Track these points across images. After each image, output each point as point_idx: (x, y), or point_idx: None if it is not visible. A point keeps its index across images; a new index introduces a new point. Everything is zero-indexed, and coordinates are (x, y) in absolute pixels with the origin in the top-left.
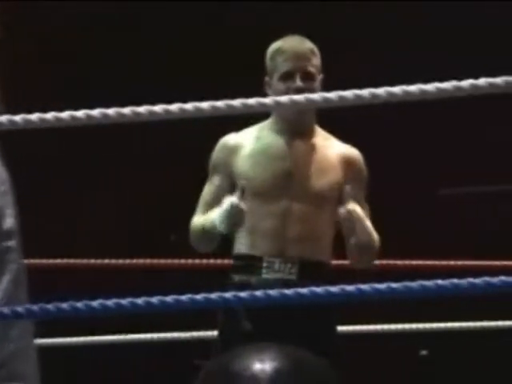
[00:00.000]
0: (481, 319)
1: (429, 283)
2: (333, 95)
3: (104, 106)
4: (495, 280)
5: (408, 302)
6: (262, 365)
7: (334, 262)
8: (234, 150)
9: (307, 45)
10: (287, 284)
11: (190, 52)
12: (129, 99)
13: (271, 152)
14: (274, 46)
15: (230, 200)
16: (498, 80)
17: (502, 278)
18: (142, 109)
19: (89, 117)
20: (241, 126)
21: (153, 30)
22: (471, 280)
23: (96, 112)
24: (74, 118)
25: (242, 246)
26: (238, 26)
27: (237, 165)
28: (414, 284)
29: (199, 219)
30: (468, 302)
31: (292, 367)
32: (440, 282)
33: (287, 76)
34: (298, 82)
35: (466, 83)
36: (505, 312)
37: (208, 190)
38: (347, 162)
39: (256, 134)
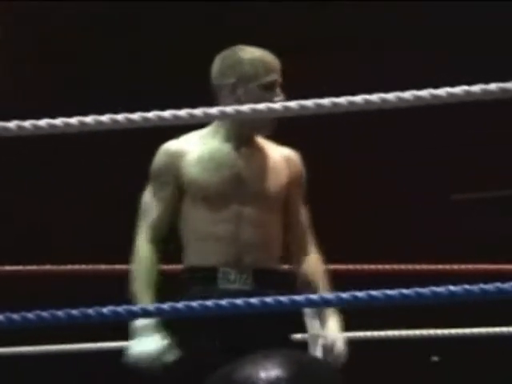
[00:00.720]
0: (492, 325)
1: (440, 289)
2: (294, 104)
3: (104, 106)
4: (506, 285)
5: (419, 307)
6: (267, 372)
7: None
8: (178, 157)
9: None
10: (245, 294)
11: (190, 52)
12: (129, 99)
13: (218, 157)
14: (251, 53)
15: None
16: (510, 85)
17: None
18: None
19: (82, 123)
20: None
21: (153, 29)
22: (483, 286)
23: (89, 119)
24: (67, 124)
25: (194, 256)
26: (238, 26)
27: (183, 171)
28: (425, 290)
29: (142, 265)
30: (480, 308)
31: (296, 374)
32: (452, 287)
33: (269, 86)
34: (281, 95)
35: (477, 88)
36: None
37: (154, 203)
38: (289, 164)
39: (199, 139)
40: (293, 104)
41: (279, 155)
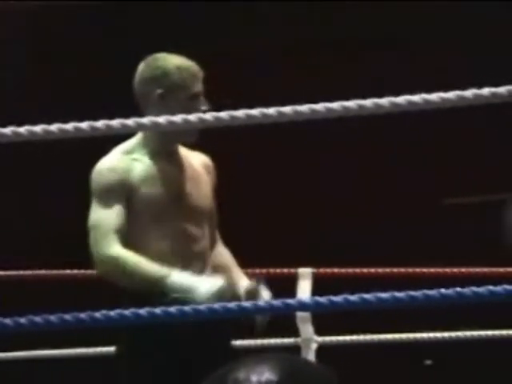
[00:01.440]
0: (486, 328)
1: (433, 292)
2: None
3: (105, 107)
4: (499, 288)
5: (414, 310)
6: (259, 376)
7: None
8: (126, 173)
9: None
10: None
11: (191, 51)
12: (128, 99)
13: (158, 173)
14: (178, 63)
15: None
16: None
17: (505, 286)
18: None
19: (77, 129)
20: None
21: (154, 29)
22: (474, 289)
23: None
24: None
25: None
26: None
27: (132, 188)
28: (418, 293)
29: (131, 257)
30: (473, 311)
31: (289, 378)
32: (444, 290)
33: (196, 96)
34: (207, 105)
35: (469, 93)
36: (510, 321)
37: (109, 216)
38: (208, 171)
39: (131, 156)
40: (224, 114)
41: (200, 163)
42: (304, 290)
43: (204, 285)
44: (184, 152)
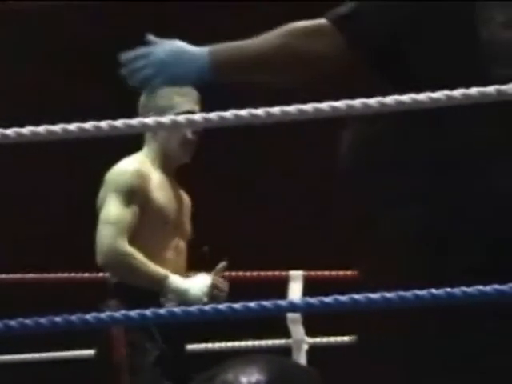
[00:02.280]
0: None
1: (423, 292)
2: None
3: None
4: (488, 288)
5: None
6: (248, 377)
7: None
8: (147, 179)
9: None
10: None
11: None
12: (128, 100)
13: (168, 187)
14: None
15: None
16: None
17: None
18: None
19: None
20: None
21: (155, 30)
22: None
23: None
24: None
25: None
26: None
27: (150, 195)
28: (408, 293)
29: (139, 256)
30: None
31: (277, 379)
32: (434, 291)
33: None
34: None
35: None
36: None
37: (127, 215)
38: (187, 200)
39: (149, 165)
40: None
41: (181, 190)
42: (295, 292)
43: (195, 285)
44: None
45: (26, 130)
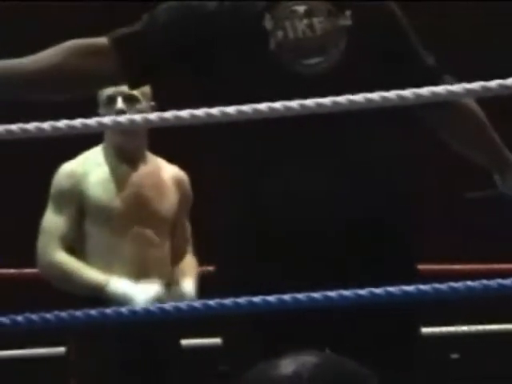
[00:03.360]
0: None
1: (458, 284)
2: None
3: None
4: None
5: (440, 304)
6: (301, 373)
7: None
8: (81, 178)
9: None
10: None
11: None
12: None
13: (117, 178)
14: None
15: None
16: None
17: None
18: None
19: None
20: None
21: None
22: (500, 281)
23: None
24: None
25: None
26: None
27: (87, 193)
28: (443, 286)
29: (72, 264)
30: (500, 305)
31: (331, 374)
32: (470, 283)
33: (110, 101)
34: (119, 105)
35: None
36: None
37: (58, 221)
38: (179, 184)
39: (95, 160)
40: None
41: (171, 175)
42: None
43: (140, 293)
44: (154, 162)
45: (31, 125)
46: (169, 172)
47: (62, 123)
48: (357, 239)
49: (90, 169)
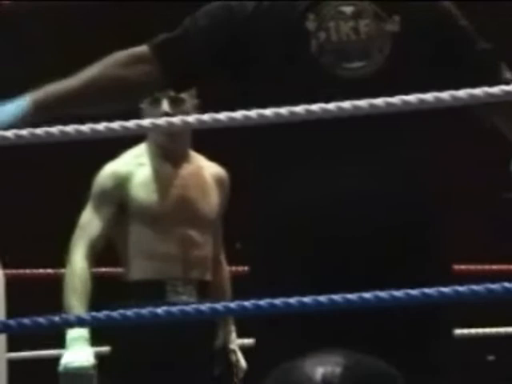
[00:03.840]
0: None
1: (495, 286)
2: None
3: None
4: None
5: (476, 306)
6: (326, 373)
7: None
8: (124, 179)
9: None
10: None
11: None
12: None
13: (161, 178)
14: None
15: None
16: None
17: None
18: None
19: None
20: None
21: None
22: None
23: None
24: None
25: (140, 271)
26: None
27: (130, 194)
28: (480, 287)
29: (79, 282)
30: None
31: (357, 375)
32: (507, 284)
33: (155, 101)
34: (165, 107)
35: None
36: None
37: (95, 221)
38: (219, 183)
39: (139, 159)
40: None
41: (212, 174)
42: None
43: (71, 354)
44: (196, 160)
45: (40, 130)
46: (210, 171)
47: (87, 127)
48: (396, 240)
49: (134, 169)
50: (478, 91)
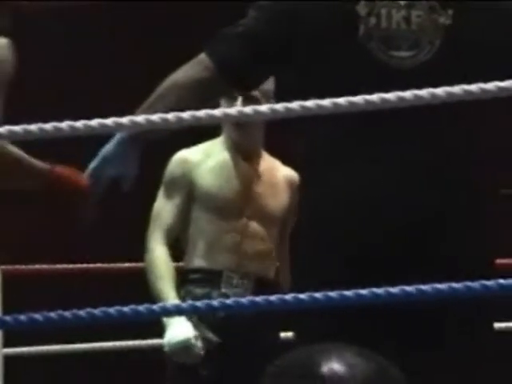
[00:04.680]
0: None
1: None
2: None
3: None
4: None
5: None
6: (341, 369)
7: None
8: (194, 166)
9: None
10: None
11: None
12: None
13: (230, 170)
14: None
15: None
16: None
17: None
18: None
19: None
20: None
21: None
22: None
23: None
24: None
25: (199, 259)
26: None
27: (198, 181)
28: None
29: (164, 268)
30: None
31: (371, 373)
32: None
33: (231, 98)
34: (238, 105)
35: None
36: None
37: (168, 208)
38: (291, 185)
39: (210, 150)
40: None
41: (284, 175)
42: None
43: (171, 332)
44: (270, 161)
45: (49, 125)
46: (284, 173)
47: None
48: (437, 236)
49: (204, 158)
50: None
